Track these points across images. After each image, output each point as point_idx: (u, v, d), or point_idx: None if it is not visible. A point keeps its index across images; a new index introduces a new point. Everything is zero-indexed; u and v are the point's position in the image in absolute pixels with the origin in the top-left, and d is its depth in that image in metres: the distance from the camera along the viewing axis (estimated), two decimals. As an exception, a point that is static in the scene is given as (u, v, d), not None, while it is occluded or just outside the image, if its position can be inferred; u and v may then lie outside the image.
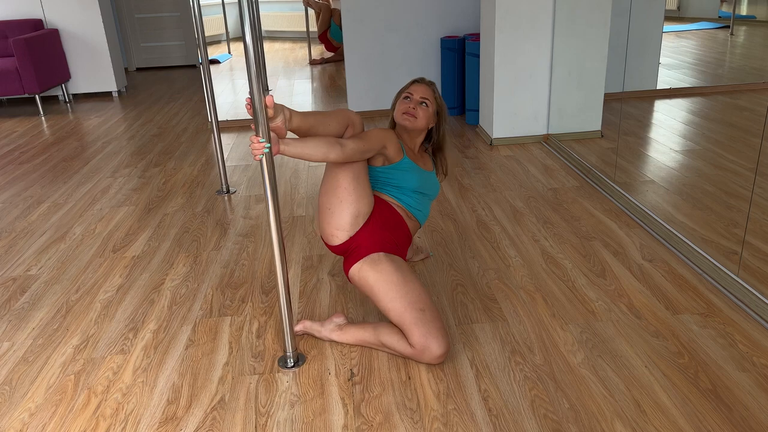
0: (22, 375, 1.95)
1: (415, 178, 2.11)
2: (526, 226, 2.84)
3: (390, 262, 1.96)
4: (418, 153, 2.22)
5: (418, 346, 1.84)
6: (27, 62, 5.41)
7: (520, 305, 2.21)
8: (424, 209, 2.20)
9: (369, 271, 1.95)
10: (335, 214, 1.99)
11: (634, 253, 2.53)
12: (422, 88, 2.15)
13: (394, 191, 2.12)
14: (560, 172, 3.52)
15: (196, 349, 2.04)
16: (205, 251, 2.75)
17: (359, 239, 1.99)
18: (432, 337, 1.83)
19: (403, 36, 4.78)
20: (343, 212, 1.98)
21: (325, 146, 1.83)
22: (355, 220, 1.99)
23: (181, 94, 6.35)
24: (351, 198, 1.97)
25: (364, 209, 2.00)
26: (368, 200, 2.01)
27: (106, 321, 2.24)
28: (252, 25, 1.59)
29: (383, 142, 2.02)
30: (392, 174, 2.10)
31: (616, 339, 1.98)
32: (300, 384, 1.86)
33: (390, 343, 1.91)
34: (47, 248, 2.86)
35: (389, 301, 1.90)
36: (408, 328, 1.85)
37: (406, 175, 2.10)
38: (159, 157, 4.21)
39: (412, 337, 1.85)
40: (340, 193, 1.97)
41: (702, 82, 4.33)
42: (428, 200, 2.22)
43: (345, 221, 1.99)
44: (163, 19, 7.89)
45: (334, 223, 2.00)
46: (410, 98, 2.13)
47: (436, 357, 1.84)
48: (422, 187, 2.15)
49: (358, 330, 2.00)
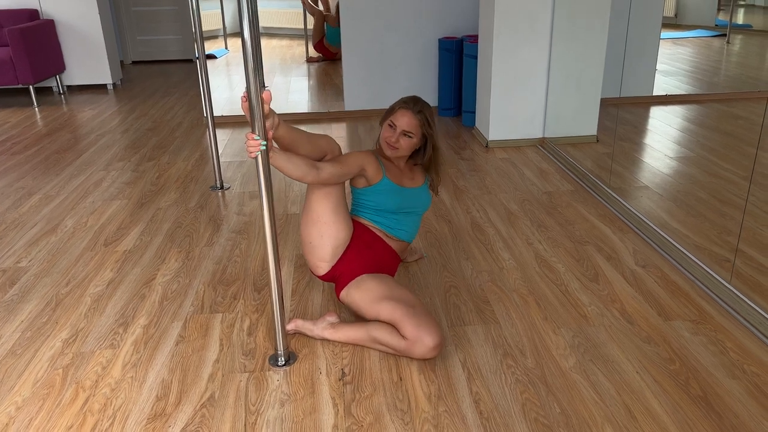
0: (9, 368, 1.93)
1: (394, 199, 2.13)
2: (521, 229, 2.84)
3: (373, 279, 2.03)
4: (405, 167, 2.21)
5: (411, 337, 1.84)
6: (21, 52, 5.36)
7: (512, 308, 2.20)
8: (408, 227, 2.20)
9: (354, 292, 2.02)
10: (317, 248, 2.07)
11: (628, 259, 2.53)
12: (407, 118, 2.05)
13: (373, 214, 2.15)
14: (555, 175, 3.53)
15: (186, 346, 2.03)
16: (197, 247, 2.74)
17: (342, 267, 2.07)
18: (424, 328, 1.84)
19: (401, 36, 4.77)
20: (324, 245, 2.06)
21: (305, 167, 1.88)
22: (335, 251, 2.07)
23: (176, 88, 6.32)
24: (330, 231, 2.04)
25: (343, 238, 2.07)
26: (347, 229, 2.08)
27: (96, 315, 2.22)
28: (250, 20, 1.57)
29: (361, 164, 2.05)
30: (371, 196, 2.13)
31: (608, 344, 1.98)
32: (290, 383, 1.84)
33: (383, 339, 1.91)
34: (38, 240, 2.84)
35: (379, 305, 1.93)
36: (400, 321, 1.86)
37: (385, 196, 2.12)
38: (153, 151, 4.18)
39: (404, 329, 1.85)
40: (320, 227, 2.04)
41: (698, 90, 4.35)
42: (414, 217, 2.22)
43: (326, 253, 2.07)
44: (161, 13, 7.84)
45: (317, 255, 2.08)
46: (394, 128, 2.08)
47: (430, 349, 1.83)
48: (404, 206, 2.16)
49: (351, 328, 1.99)
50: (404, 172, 2.20)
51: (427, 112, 2.10)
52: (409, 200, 2.16)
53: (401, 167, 2.20)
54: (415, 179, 2.22)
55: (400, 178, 2.16)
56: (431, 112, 2.12)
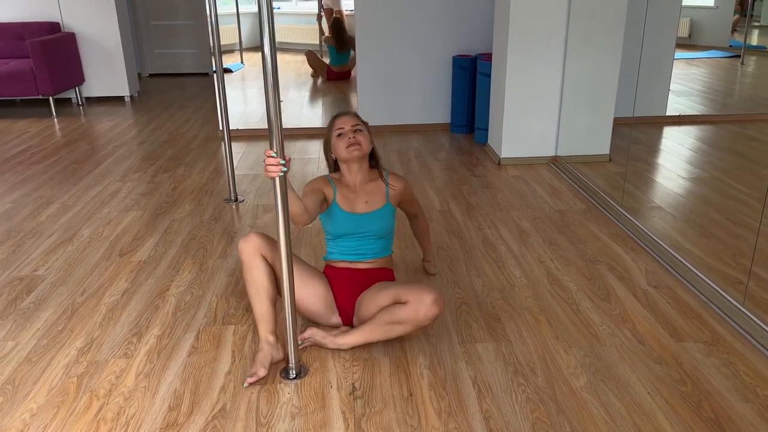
0: (24, 375, 1.96)
1: (345, 224, 2.18)
2: (532, 246, 2.84)
3: (367, 290, 2.11)
4: (363, 185, 2.21)
5: (412, 299, 1.91)
6: (42, 64, 5.47)
7: (524, 326, 2.20)
8: (372, 246, 2.20)
9: (359, 311, 2.12)
10: (323, 321, 2.18)
11: (640, 279, 2.53)
12: (347, 118, 2.18)
13: (333, 247, 2.24)
14: (567, 194, 3.53)
15: (198, 357, 2.05)
16: (211, 259, 2.77)
17: (343, 305, 2.16)
18: (420, 288, 1.94)
19: (415, 53, 4.82)
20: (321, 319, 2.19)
21: (301, 205, 1.96)
22: (329, 310, 2.16)
23: (192, 101, 6.40)
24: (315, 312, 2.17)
25: (327, 298, 2.16)
26: (325, 290, 2.16)
27: (111, 324, 2.25)
28: (270, 36, 1.61)
29: (319, 187, 2.16)
30: (327, 224, 2.22)
31: (619, 364, 1.98)
32: (301, 396, 1.86)
33: (392, 317, 1.94)
34: (55, 249, 2.88)
35: (378, 298, 2.01)
36: (398, 293, 1.95)
37: (336, 220, 2.18)
38: (169, 163, 4.23)
39: (405, 297, 1.93)
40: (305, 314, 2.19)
41: (711, 110, 4.35)
42: (372, 238, 2.20)
43: (329, 320, 2.18)
44: (178, 27, 7.97)
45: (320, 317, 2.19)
46: (344, 132, 2.15)
47: (431, 304, 1.89)
48: (358, 228, 2.18)
49: (363, 326, 2.03)
50: (359, 194, 2.19)
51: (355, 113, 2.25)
52: (360, 225, 2.17)
53: (357, 185, 2.20)
54: (372, 201, 2.20)
55: (353, 202, 2.19)
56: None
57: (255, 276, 2.03)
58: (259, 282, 2.03)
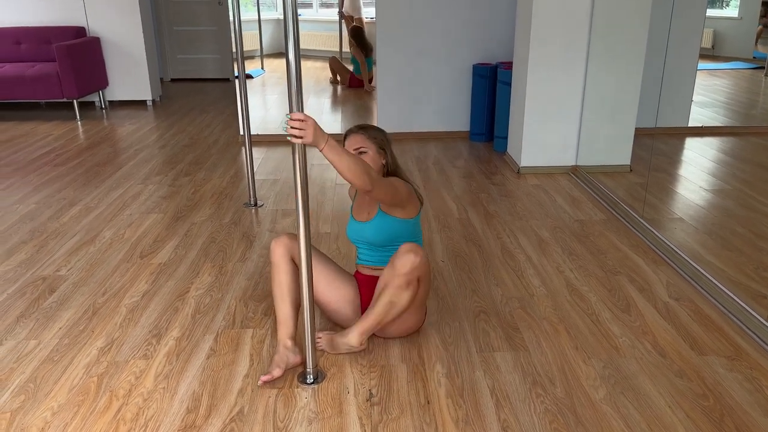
0: (46, 374, 1.98)
1: (349, 229, 2.24)
2: (551, 256, 2.83)
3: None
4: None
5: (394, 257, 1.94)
6: (68, 68, 5.56)
7: (542, 336, 2.19)
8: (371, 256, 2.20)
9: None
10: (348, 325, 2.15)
11: (661, 291, 2.50)
12: (352, 139, 2.10)
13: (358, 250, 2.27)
14: (587, 204, 3.51)
15: (217, 359, 2.06)
16: (230, 262, 2.78)
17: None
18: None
19: (436, 61, 4.83)
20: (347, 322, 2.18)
21: (359, 167, 1.81)
22: (356, 314, 2.17)
23: (213, 106, 6.46)
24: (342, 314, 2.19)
25: (354, 302, 2.17)
26: (353, 293, 2.17)
27: (131, 325, 2.27)
28: (295, 42, 1.62)
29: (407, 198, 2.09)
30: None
31: (639, 376, 1.95)
32: (318, 401, 1.86)
33: (388, 286, 1.94)
34: (77, 250, 2.92)
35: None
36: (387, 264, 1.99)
37: (348, 224, 2.25)
38: (189, 167, 4.28)
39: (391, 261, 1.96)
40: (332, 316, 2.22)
41: (734, 122, 4.30)
42: (363, 246, 2.20)
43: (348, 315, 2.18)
44: (201, 33, 8.06)
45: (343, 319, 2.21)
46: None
47: (405, 251, 1.91)
48: (358, 236, 2.19)
49: (371, 310, 2.00)
50: (369, 204, 2.18)
51: (370, 129, 2.14)
52: (354, 233, 2.20)
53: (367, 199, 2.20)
54: (372, 211, 2.17)
55: (359, 210, 2.21)
56: (374, 128, 2.17)
57: (282, 278, 2.05)
58: (285, 285, 2.05)
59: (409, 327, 2.13)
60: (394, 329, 2.11)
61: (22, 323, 2.29)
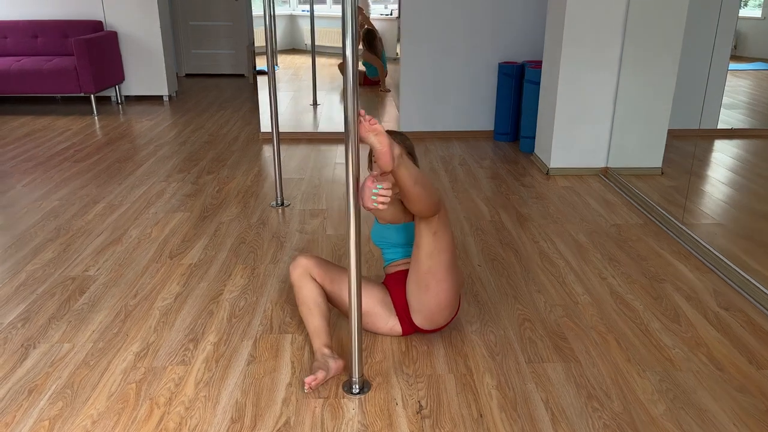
0: (83, 379, 1.92)
1: (373, 229, 2.24)
2: (591, 262, 2.75)
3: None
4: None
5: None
6: (86, 62, 5.50)
7: (592, 346, 2.11)
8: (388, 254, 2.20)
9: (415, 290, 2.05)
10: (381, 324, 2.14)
11: (708, 300, 2.42)
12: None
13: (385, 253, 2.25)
14: (622, 207, 3.43)
15: (257, 366, 1.99)
16: (262, 264, 2.71)
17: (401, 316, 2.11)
18: None
19: (459, 59, 4.75)
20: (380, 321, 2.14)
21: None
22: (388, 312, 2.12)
23: (230, 103, 6.40)
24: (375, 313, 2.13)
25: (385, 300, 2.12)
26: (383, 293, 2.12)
27: (166, 329, 2.20)
28: (353, 38, 1.55)
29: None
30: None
31: (698, 391, 1.88)
32: (366, 412, 1.79)
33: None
34: (104, 249, 2.85)
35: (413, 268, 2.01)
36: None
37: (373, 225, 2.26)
38: (212, 164, 4.21)
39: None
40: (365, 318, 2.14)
41: (760, 124, 4.21)
42: (389, 246, 2.19)
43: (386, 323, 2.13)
44: (216, 28, 8.00)
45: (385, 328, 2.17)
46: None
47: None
48: (376, 237, 2.20)
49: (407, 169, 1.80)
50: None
51: (396, 135, 2.03)
52: (378, 234, 2.20)
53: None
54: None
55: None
56: (398, 133, 2.09)
57: (306, 294, 2.07)
58: (310, 299, 2.06)
59: (447, 296, 1.99)
60: (431, 298, 1.98)
61: (54, 325, 2.22)
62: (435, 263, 1.94)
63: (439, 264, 1.95)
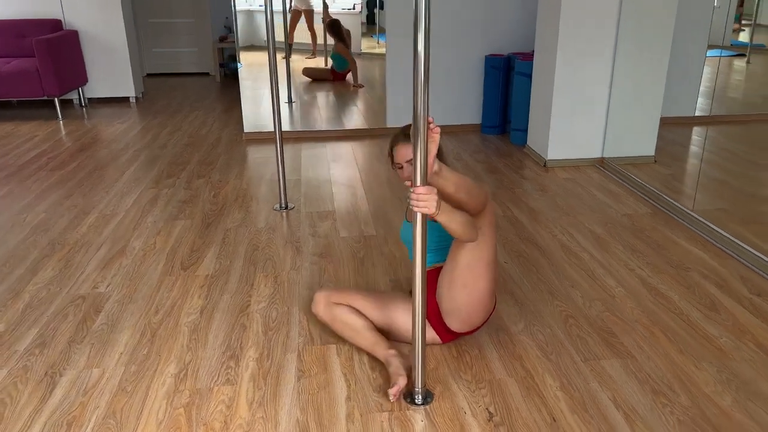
0: (125, 407, 1.78)
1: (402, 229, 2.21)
2: (615, 253, 2.74)
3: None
4: None
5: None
6: (48, 64, 5.19)
7: (641, 340, 2.10)
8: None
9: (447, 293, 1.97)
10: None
11: (739, 287, 2.45)
12: (404, 149, 1.96)
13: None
14: (627, 197, 3.45)
15: (309, 381, 1.89)
16: (283, 271, 2.60)
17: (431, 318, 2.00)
18: None
19: (446, 52, 4.69)
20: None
21: (471, 228, 1.76)
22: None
23: (200, 102, 6.17)
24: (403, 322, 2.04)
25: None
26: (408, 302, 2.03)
27: (200, 347, 2.07)
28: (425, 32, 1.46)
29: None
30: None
31: (758, 380, 1.88)
32: (436, 423, 1.71)
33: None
34: (109, 263, 2.68)
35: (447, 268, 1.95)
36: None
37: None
38: (200, 168, 4.03)
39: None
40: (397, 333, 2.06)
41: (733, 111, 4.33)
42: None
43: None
44: (177, 25, 7.70)
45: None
46: (401, 167, 1.98)
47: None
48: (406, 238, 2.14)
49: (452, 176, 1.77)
50: None
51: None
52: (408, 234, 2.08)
53: None
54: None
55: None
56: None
57: (343, 320, 2.03)
58: (350, 323, 2.02)
59: (482, 295, 1.92)
60: (467, 296, 1.90)
61: (76, 349, 2.06)
62: (475, 259, 1.88)
63: (479, 260, 1.89)
